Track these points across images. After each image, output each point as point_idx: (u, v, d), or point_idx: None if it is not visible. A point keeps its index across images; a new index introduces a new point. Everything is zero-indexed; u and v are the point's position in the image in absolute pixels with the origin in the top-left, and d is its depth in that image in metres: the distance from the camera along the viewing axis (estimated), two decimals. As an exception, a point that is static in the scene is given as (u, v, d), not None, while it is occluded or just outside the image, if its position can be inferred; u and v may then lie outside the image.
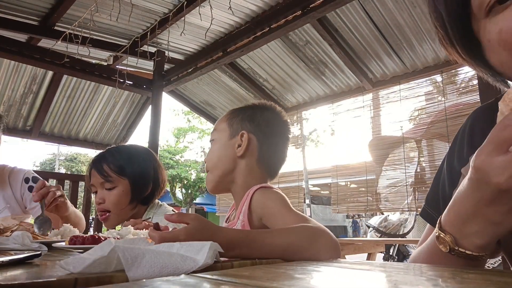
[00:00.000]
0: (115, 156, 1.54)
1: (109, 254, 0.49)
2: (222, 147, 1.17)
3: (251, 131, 1.15)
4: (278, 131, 1.21)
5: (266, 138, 1.17)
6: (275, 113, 1.22)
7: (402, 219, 7.15)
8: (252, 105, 1.26)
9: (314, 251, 0.77)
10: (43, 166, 26.69)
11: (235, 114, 1.21)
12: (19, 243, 0.80)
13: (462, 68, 3.40)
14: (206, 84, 4.55)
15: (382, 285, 0.44)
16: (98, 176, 1.51)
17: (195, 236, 0.68)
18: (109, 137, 5.02)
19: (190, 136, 21.27)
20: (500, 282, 0.45)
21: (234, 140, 1.15)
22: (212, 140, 1.21)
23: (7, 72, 3.92)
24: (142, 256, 0.49)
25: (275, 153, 1.19)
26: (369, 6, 3.03)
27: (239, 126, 1.17)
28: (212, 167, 1.18)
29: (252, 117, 1.18)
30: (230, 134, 1.17)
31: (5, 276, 0.47)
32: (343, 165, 4.47)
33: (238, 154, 1.14)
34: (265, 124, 1.18)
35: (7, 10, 3.25)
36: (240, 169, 1.14)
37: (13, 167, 1.92)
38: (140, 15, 3.47)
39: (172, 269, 0.50)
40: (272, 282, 0.43)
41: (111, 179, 1.50)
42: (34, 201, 1.49)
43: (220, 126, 1.21)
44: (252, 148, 1.14)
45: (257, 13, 3.39)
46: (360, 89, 3.93)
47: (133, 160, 1.56)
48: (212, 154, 1.19)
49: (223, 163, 1.15)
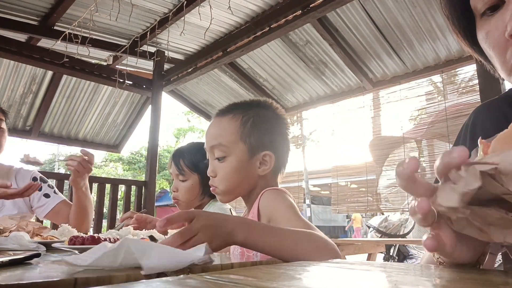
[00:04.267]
0: (191, 153, 1.72)
1: (119, 246, 0.51)
2: (242, 167, 1.06)
3: (270, 147, 1.08)
4: (286, 135, 1.16)
5: (281, 150, 1.12)
6: (278, 115, 1.15)
7: (403, 220, 7.15)
8: (254, 104, 1.15)
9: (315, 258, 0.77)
10: (42, 166, 26.70)
11: (243, 122, 1.08)
12: (17, 243, 0.80)
13: (463, 68, 3.40)
14: (206, 84, 4.55)
15: (382, 285, 0.44)
16: (175, 168, 1.69)
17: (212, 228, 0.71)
18: (109, 137, 5.02)
19: (190, 136, 21.30)
20: (500, 282, 0.44)
21: (255, 159, 1.07)
22: (223, 157, 1.06)
23: (7, 72, 3.92)
24: (151, 248, 0.52)
25: (286, 158, 1.15)
26: (369, 5, 3.03)
27: (259, 141, 1.07)
28: (232, 190, 1.07)
29: (269, 126, 1.10)
30: (249, 151, 1.06)
31: (4, 276, 0.47)
32: (343, 165, 4.47)
33: (261, 173, 1.07)
34: (281, 137, 1.12)
35: (6, 10, 3.25)
36: (260, 184, 1.09)
37: (20, 167, 1.97)
38: (139, 15, 3.47)
39: (178, 260, 0.52)
40: (272, 282, 0.42)
41: (184, 173, 1.69)
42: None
43: (228, 139, 1.06)
44: (271, 164, 1.09)
45: (257, 13, 3.39)
46: (361, 89, 3.93)
47: (205, 158, 1.69)
48: (230, 176, 1.06)
49: (245, 185, 1.08)
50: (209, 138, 1.10)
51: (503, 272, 0.55)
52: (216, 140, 1.08)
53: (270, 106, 1.15)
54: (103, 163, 24.00)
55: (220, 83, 4.48)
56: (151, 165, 4.01)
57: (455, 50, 3.21)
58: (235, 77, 4.28)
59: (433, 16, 2.95)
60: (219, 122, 1.11)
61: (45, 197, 1.90)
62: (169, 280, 0.44)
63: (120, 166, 22.05)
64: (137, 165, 20.46)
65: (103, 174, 22.41)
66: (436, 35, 3.09)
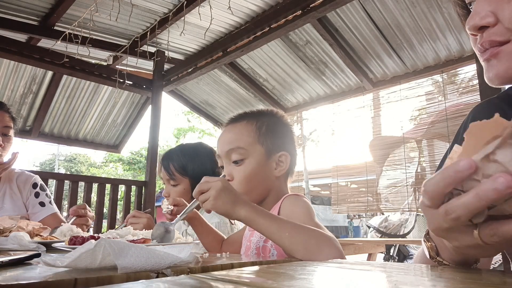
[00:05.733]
0: (179, 156, 1.69)
1: (95, 247, 0.51)
2: (260, 169, 1.09)
3: (286, 148, 1.13)
4: (294, 140, 1.20)
5: (293, 152, 1.16)
6: (286, 122, 1.21)
7: (403, 219, 7.14)
8: (264, 112, 1.20)
9: (316, 252, 0.79)
10: (42, 167, 26.69)
11: (258, 127, 1.12)
12: (17, 243, 0.80)
13: (463, 68, 3.40)
14: (206, 84, 4.55)
15: (382, 285, 0.44)
16: (165, 173, 1.67)
17: (223, 190, 0.86)
18: (109, 137, 5.02)
19: (190, 136, 21.28)
20: (499, 282, 0.44)
21: (271, 160, 1.11)
22: (241, 160, 1.09)
23: (7, 72, 3.92)
24: (128, 248, 0.52)
25: (296, 161, 1.19)
26: (369, 6, 3.03)
27: (275, 144, 1.11)
28: (249, 192, 1.08)
29: (281, 131, 1.15)
30: (266, 153, 1.10)
31: (4, 276, 0.47)
32: (344, 165, 4.47)
33: (277, 174, 1.11)
34: (291, 141, 1.17)
35: (6, 10, 3.25)
36: (275, 186, 1.12)
37: (21, 171, 2.00)
38: (140, 15, 3.47)
39: (156, 261, 0.52)
40: (272, 282, 0.42)
41: (175, 178, 1.66)
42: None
43: (246, 142, 1.10)
44: (287, 164, 1.13)
45: (257, 13, 3.39)
46: (361, 89, 3.93)
47: (195, 161, 1.68)
48: (248, 178, 1.08)
49: (262, 187, 1.10)
50: (224, 143, 1.13)
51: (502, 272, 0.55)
52: (232, 144, 1.10)
53: (277, 114, 1.21)
54: (103, 164, 24.02)
55: (220, 83, 4.48)
56: (151, 165, 4.01)
57: (455, 50, 3.21)
58: (235, 77, 4.28)
59: (433, 16, 2.94)
60: (233, 128, 1.15)
61: (40, 206, 1.92)
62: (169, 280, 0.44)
63: (120, 166, 22.04)
64: (137, 165, 20.44)
65: (103, 174, 22.42)
66: (436, 35, 3.09)
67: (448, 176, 0.42)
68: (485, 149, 0.40)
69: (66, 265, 0.50)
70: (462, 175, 0.41)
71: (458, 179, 0.41)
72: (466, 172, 0.40)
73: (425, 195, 0.45)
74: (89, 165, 25.64)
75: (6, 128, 1.84)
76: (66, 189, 3.46)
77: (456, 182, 0.42)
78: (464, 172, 0.40)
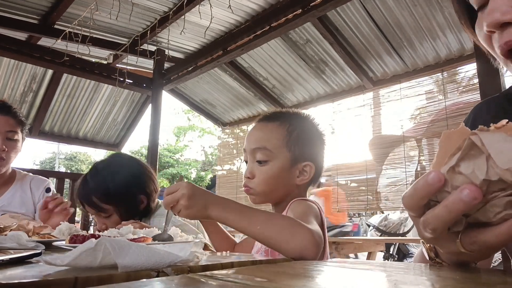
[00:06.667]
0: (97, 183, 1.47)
1: (96, 246, 0.51)
2: (281, 174, 1.07)
3: (313, 158, 1.11)
4: (324, 151, 1.18)
5: (320, 163, 1.14)
6: (320, 131, 1.18)
7: (402, 218, 7.13)
8: (299, 116, 1.17)
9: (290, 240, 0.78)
10: (43, 165, 26.70)
11: (289, 131, 1.10)
12: (16, 242, 0.80)
13: (463, 67, 3.39)
14: (206, 83, 4.55)
15: (382, 285, 0.44)
16: (91, 209, 1.48)
17: (190, 198, 0.84)
18: (109, 136, 5.02)
19: (190, 135, 21.28)
20: (499, 281, 0.44)
21: (295, 168, 1.09)
22: (265, 161, 1.08)
23: (7, 70, 3.92)
24: (128, 247, 0.52)
25: (321, 172, 1.17)
26: (369, 4, 3.03)
27: (302, 152, 1.09)
28: (268, 193, 1.09)
29: (311, 139, 1.13)
30: (291, 160, 1.08)
31: (4, 275, 0.47)
32: (343, 163, 4.46)
33: (298, 183, 1.09)
34: (321, 151, 1.15)
35: (7, 9, 3.24)
36: (294, 193, 1.10)
37: (34, 176, 2.05)
38: (140, 14, 3.46)
39: (157, 259, 0.52)
40: (272, 282, 0.42)
41: (106, 210, 1.46)
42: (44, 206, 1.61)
43: (274, 144, 1.08)
44: (311, 174, 1.11)
45: (257, 12, 3.39)
46: (361, 88, 3.93)
47: (116, 183, 1.47)
48: (269, 181, 1.07)
49: (281, 191, 1.10)
50: (252, 140, 1.11)
51: (502, 271, 0.55)
52: (260, 143, 1.09)
53: (313, 121, 1.18)
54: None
55: (220, 82, 4.48)
56: (151, 164, 4.01)
57: (456, 49, 3.21)
58: (236, 76, 4.27)
59: (433, 15, 2.94)
60: (265, 126, 1.13)
61: None
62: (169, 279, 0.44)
63: (120, 165, 22.02)
64: (137, 164, 20.42)
65: (103, 173, 22.37)
66: (437, 34, 3.08)
67: (420, 189, 0.43)
68: (450, 161, 0.40)
69: (66, 263, 0.50)
70: (432, 189, 0.41)
71: (430, 191, 0.42)
72: (436, 185, 0.41)
73: (405, 207, 0.46)
74: (90, 164, 25.64)
75: (11, 132, 1.82)
76: (67, 187, 3.46)
77: (428, 194, 0.42)
78: (434, 185, 0.41)
